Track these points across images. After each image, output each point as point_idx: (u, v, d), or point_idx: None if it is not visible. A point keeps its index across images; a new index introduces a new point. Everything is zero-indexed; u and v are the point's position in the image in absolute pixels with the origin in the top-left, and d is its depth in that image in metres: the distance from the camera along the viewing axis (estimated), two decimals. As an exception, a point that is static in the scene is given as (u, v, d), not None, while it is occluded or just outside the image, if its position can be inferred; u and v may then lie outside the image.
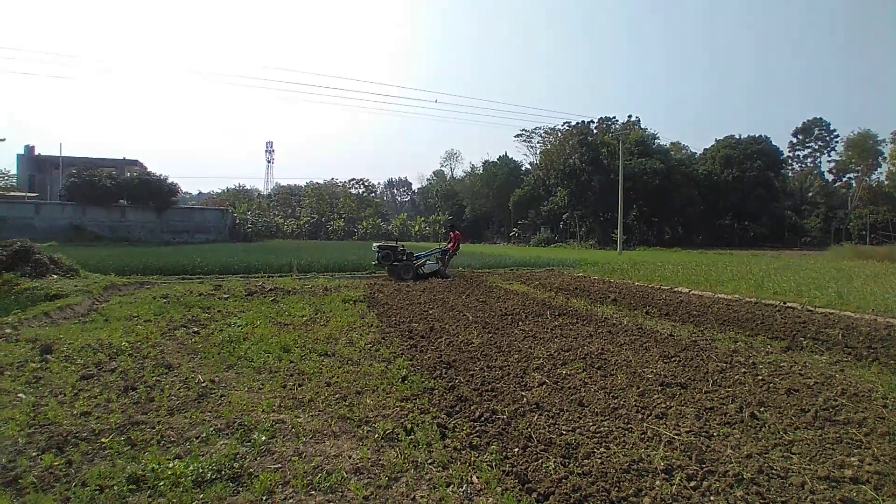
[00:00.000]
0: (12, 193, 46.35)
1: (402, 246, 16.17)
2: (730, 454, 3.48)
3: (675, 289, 13.43)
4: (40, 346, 6.09)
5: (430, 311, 9.29)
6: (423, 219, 75.44)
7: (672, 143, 66.81)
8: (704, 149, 62.80)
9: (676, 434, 3.81)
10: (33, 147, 54.73)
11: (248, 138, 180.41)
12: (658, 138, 62.59)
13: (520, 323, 8.24)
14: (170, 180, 47.11)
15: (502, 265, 21.07)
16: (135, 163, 56.05)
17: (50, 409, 4.10)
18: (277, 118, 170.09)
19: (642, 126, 63.63)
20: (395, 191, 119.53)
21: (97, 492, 2.85)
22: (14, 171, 52.98)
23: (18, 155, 53.79)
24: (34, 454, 3.31)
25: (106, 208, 43.90)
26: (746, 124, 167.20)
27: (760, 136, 58.95)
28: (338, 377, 5.13)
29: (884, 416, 4.24)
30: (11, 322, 7.43)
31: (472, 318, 8.62)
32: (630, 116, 65.60)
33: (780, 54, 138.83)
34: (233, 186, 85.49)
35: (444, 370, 5.41)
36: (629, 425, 3.97)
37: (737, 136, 59.82)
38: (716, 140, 61.46)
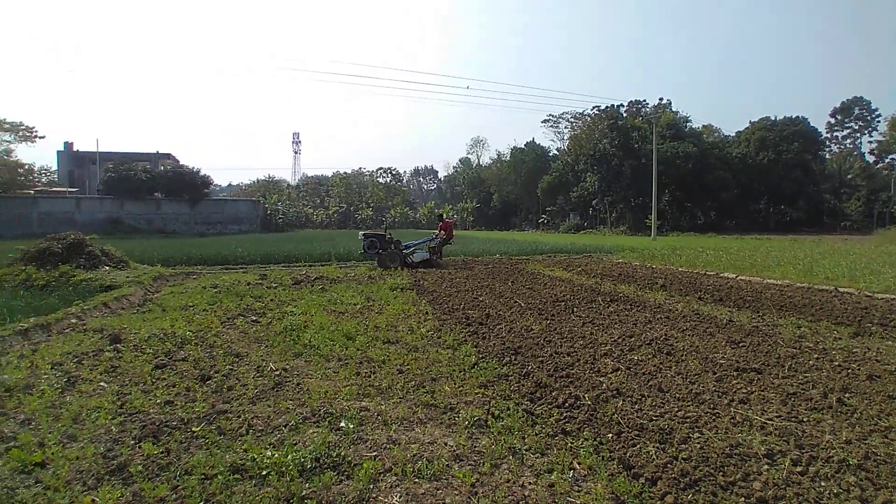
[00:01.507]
0: (55, 189, 48.11)
1: (391, 234, 15.93)
2: (829, 440, 3.39)
3: (722, 274, 13.13)
4: (108, 335, 6.23)
5: (481, 299, 9.25)
6: (450, 207, 75.41)
7: (704, 126, 64.95)
8: (738, 131, 60.83)
9: (767, 419, 3.71)
10: (72, 143, 56.56)
11: (275, 129, 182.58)
12: (690, 121, 60.97)
13: (574, 309, 8.16)
14: (202, 172, 48.13)
15: (538, 252, 20.94)
16: (168, 156, 57.39)
17: (134, 397, 4.16)
18: (304, 109, 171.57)
19: (673, 109, 62.16)
20: (422, 179, 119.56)
21: (204, 480, 2.86)
22: (55, 167, 54.89)
23: (58, 151, 55.71)
24: (131, 443, 3.34)
25: (142, 201, 45.18)
26: (782, 106, 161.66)
27: (797, 116, 56.67)
28: (408, 364, 5.13)
29: (976, 401, 4.07)
30: (76, 312, 7.64)
31: (525, 304, 8.56)
32: (661, 99, 64.19)
33: (817, 32, 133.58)
34: (262, 177, 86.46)
35: (512, 356, 5.38)
36: (715, 410, 3.89)
37: (772, 118, 57.72)
38: (750, 122, 59.41)
